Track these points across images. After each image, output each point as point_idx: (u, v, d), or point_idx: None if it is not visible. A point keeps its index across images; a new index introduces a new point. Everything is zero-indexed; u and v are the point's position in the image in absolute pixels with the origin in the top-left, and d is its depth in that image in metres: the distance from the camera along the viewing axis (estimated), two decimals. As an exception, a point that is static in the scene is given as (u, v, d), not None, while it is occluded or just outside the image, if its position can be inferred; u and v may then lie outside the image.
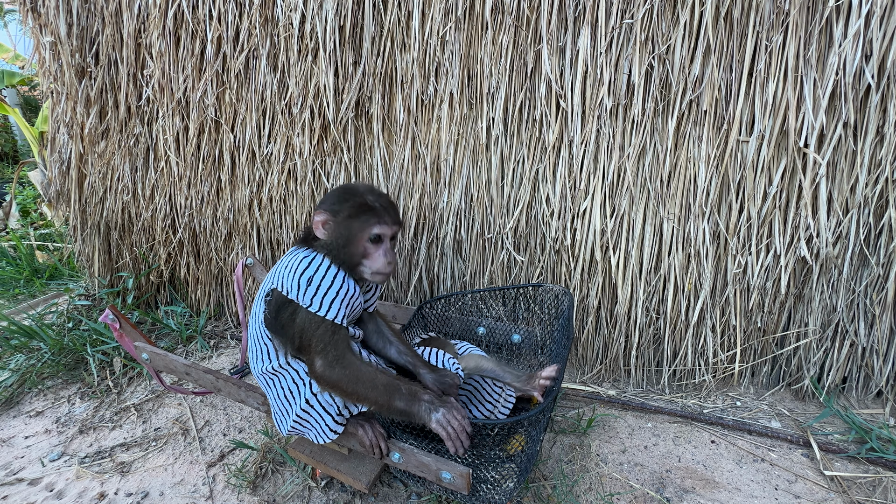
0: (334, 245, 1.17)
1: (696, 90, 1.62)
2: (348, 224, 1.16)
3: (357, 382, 1.09)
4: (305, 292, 1.10)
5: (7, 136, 5.97)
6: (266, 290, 1.18)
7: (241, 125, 2.09)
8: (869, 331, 1.72)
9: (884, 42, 1.46)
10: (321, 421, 1.19)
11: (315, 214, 1.18)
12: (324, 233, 1.18)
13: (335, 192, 1.22)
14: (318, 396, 1.16)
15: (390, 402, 1.09)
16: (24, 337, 2.12)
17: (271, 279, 1.18)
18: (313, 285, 1.11)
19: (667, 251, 1.76)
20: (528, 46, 1.72)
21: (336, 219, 1.17)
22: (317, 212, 1.19)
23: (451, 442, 1.06)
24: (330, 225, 1.17)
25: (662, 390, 1.89)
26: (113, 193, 2.37)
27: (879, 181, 1.56)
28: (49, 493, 1.46)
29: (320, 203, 1.21)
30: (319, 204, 1.21)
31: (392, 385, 1.10)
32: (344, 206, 1.17)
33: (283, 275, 1.14)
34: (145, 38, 2.10)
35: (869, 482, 1.44)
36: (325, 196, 1.24)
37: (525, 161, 1.83)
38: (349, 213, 1.16)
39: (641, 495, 1.41)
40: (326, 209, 1.18)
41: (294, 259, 1.17)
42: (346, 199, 1.18)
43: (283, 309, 1.12)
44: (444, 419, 1.07)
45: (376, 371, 1.12)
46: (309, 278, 1.11)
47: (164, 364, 1.45)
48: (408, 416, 1.10)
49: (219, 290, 2.46)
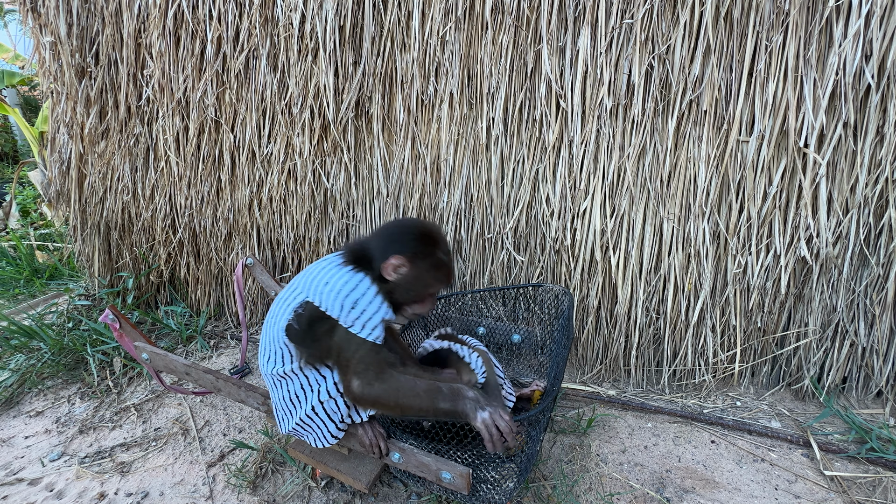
0: (397, 286, 1.14)
1: (696, 90, 1.62)
2: (421, 276, 1.15)
3: (398, 395, 1.07)
4: (349, 314, 1.08)
5: (7, 136, 5.97)
6: (297, 298, 1.15)
7: (241, 125, 2.09)
8: (869, 331, 1.72)
9: (884, 42, 1.46)
10: (323, 427, 1.19)
11: (393, 257, 1.12)
12: (393, 275, 1.14)
13: (413, 236, 1.16)
14: (325, 404, 1.16)
15: (434, 405, 1.06)
16: (24, 337, 2.12)
17: (304, 289, 1.14)
18: (358, 309, 1.09)
19: (667, 251, 1.76)
20: (528, 46, 1.72)
21: (411, 267, 1.14)
22: (395, 255, 1.13)
23: (492, 444, 1.03)
24: (403, 270, 1.14)
25: (662, 390, 1.89)
26: (113, 193, 2.37)
27: (879, 181, 1.56)
28: (49, 493, 1.46)
29: (394, 243, 1.14)
30: (394, 244, 1.14)
31: (433, 388, 1.08)
32: (423, 261, 1.15)
33: (321, 290, 1.11)
34: (145, 38, 2.10)
35: (869, 482, 1.44)
36: (396, 234, 1.17)
37: (525, 161, 1.83)
38: (426, 267, 1.15)
39: (641, 495, 1.41)
40: (406, 256, 1.13)
41: (336, 276, 1.13)
42: (425, 253, 1.15)
43: (319, 324, 1.11)
44: (491, 419, 1.04)
45: (415, 378, 1.10)
46: (355, 301, 1.09)
47: (164, 364, 1.45)
48: (453, 416, 1.07)
49: (219, 290, 2.46)
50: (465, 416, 1.05)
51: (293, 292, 1.17)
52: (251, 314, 2.42)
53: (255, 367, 2.07)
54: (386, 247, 1.14)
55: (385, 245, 1.14)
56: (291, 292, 1.18)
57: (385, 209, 2.04)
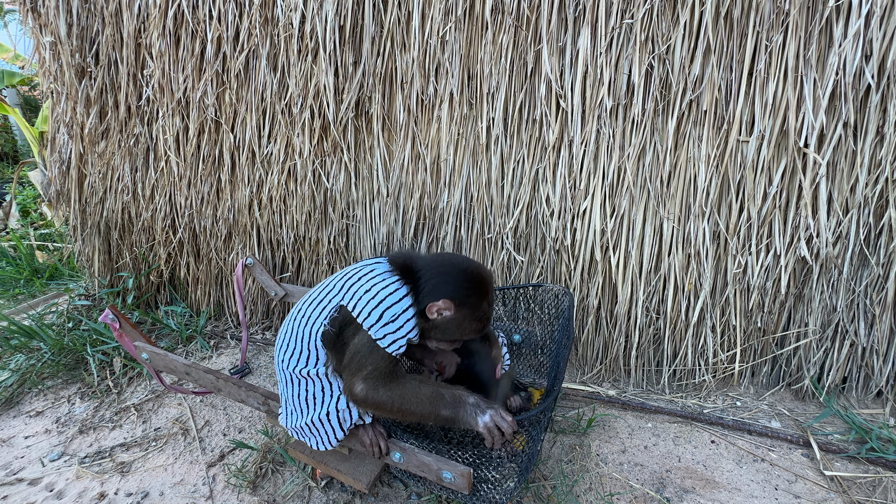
0: (435, 325, 1.15)
1: (696, 90, 1.62)
2: (462, 323, 1.15)
3: (402, 400, 1.08)
4: (383, 327, 1.08)
5: (7, 136, 5.97)
6: (332, 301, 1.15)
7: (241, 125, 2.09)
8: (869, 331, 1.72)
9: (884, 42, 1.46)
10: (331, 433, 1.19)
11: (442, 300, 1.11)
12: (435, 316, 1.13)
13: (467, 283, 1.14)
14: (341, 413, 1.16)
15: (436, 411, 1.07)
16: (24, 337, 2.12)
17: (341, 293, 1.14)
18: (393, 324, 1.09)
19: (667, 251, 1.76)
20: (528, 46, 1.72)
21: (455, 313, 1.13)
22: (445, 299, 1.11)
23: (493, 443, 1.05)
24: (447, 314, 1.13)
25: (662, 390, 1.89)
26: (113, 193, 2.36)
27: (879, 181, 1.56)
28: (49, 493, 1.46)
29: (447, 285, 1.12)
30: (446, 286, 1.12)
31: (436, 394, 1.08)
32: (469, 310, 1.14)
33: (360, 296, 1.11)
34: (145, 38, 2.10)
35: (869, 482, 1.44)
36: (451, 276, 1.14)
37: (525, 161, 1.83)
38: (469, 316, 1.15)
39: (641, 495, 1.41)
40: (455, 302, 1.12)
41: (381, 286, 1.12)
42: (473, 305, 1.14)
43: (347, 329, 1.11)
44: (492, 422, 1.05)
45: (419, 384, 1.11)
46: (393, 315, 1.08)
47: (164, 364, 1.45)
48: (454, 422, 1.08)
49: (219, 290, 2.46)
50: (466, 423, 1.06)
51: (328, 294, 1.17)
52: (251, 314, 2.42)
53: (255, 367, 2.07)
54: (438, 285, 1.12)
55: (437, 282, 1.12)
56: (326, 294, 1.17)
57: (385, 209, 2.04)
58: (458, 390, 1.10)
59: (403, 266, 1.16)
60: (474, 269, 1.17)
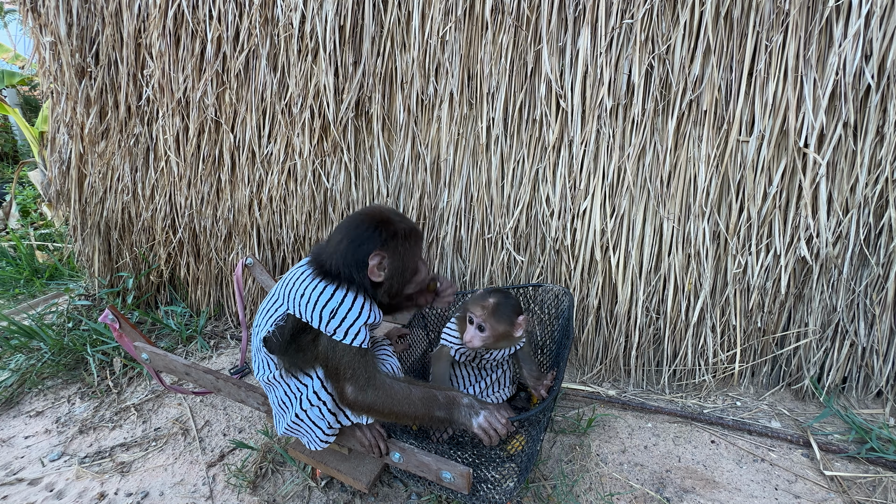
0: (391, 279, 1.15)
1: (696, 90, 1.62)
2: (403, 253, 1.15)
3: (392, 401, 1.07)
4: (329, 324, 1.07)
5: (7, 136, 5.97)
6: (277, 310, 1.13)
7: (241, 125, 2.09)
8: (869, 331, 1.72)
9: (884, 42, 1.46)
10: (311, 433, 1.19)
11: (370, 258, 1.10)
12: (381, 274, 1.13)
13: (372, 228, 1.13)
14: (308, 412, 1.16)
15: (430, 413, 1.07)
16: (24, 337, 2.12)
17: (284, 301, 1.13)
18: (337, 317, 1.07)
19: (667, 251, 1.76)
20: (528, 46, 1.72)
21: (390, 255, 1.14)
22: (371, 255, 1.11)
23: (490, 441, 1.06)
24: (386, 262, 1.13)
25: (662, 390, 1.89)
26: (113, 193, 2.36)
27: (879, 181, 1.56)
28: (49, 493, 1.46)
29: (362, 245, 1.12)
30: (362, 246, 1.12)
31: (429, 395, 1.08)
32: (395, 241, 1.14)
33: (298, 302, 1.10)
34: (145, 38, 2.10)
35: (869, 482, 1.44)
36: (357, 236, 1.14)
37: (525, 161, 1.83)
38: (401, 243, 1.15)
39: (641, 495, 1.41)
40: (380, 249, 1.12)
41: (311, 287, 1.11)
42: (392, 233, 1.14)
43: (303, 335, 1.10)
44: (487, 423, 1.05)
45: (409, 385, 1.10)
46: (333, 310, 1.07)
47: (163, 364, 1.45)
48: (449, 424, 1.08)
49: (219, 290, 2.46)
50: (460, 424, 1.07)
51: (274, 304, 1.16)
52: (251, 314, 2.42)
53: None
54: (356, 252, 1.09)
55: (355, 250, 1.10)
56: (273, 303, 1.17)
57: (385, 209, 2.04)
58: (453, 391, 1.10)
59: (314, 253, 1.17)
60: (366, 215, 1.14)
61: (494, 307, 1.32)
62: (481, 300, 1.34)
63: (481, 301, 1.34)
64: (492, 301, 1.33)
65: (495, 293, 1.35)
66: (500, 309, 1.31)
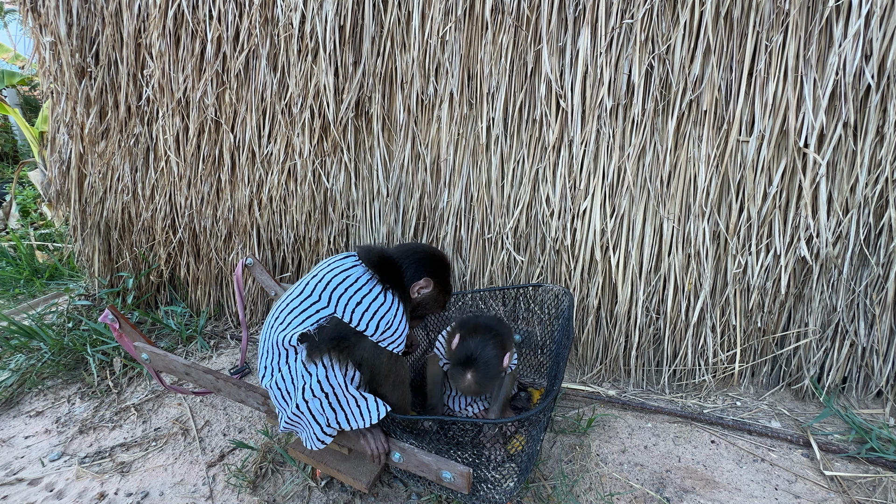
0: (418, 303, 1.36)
1: (696, 90, 1.62)
2: (438, 295, 1.38)
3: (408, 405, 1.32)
4: (383, 333, 1.20)
5: (7, 136, 5.97)
6: (318, 312, 1.17)
7: (241, 125, 2.09)
8: (869, 331, 1.72)
9: (884, 42, 1.46)
10: (309, 428, 1.18)
11: (423, 279, 1.32)
12: (417, 295, 1.33)
13: (437, 263, 1.37)
14: (310, 403, 1.16)
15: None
16: (24, 337, 2.12)
17: (323, 300, 1.18)
18: (392, 329, 1.21)
19: (667, 251, 1.76)
20: (528, 46, 1.72)
21: (433, 288, 1.35)
22: (425, 278, 1.32)
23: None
24: (426, 291, 1.34)
25: (662, 390, 1.89)
26: (113, 193, 2.36)
27: (879, 181, 1.56)
28: (49, 493, 1.46)
29: (424, 268, 1.33)
30: (424, 268, 1.33)
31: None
32: (441, 283, 1.37)
33: (352, 309, 1.17)
34: (145, 38, 2.10)
35: (869, 482, 1.44)
36: (424, 260, 1.35)
37: (525, 161, 1.83)
38: (442, 288, 1.38)
39: (641, 495, 1.41)
40: (433, 279, 1.34)
41: (369, 297, 1.20)
42: (443, 278, 1.38)
43: (346, 339, 1.18)
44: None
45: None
46: (389, 322, 1.20)
47: (163, 364, 1.45)
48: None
49: (219, 290, 2.46)
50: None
51: (312, 304, 1.18)
52: (251, 314, 2.42)
53: (254, 367, 2.07)
54: (417, 268, 1.31)
55: (417, 266, 1.31)
56: (311, 304, 1.18)
57: (385, 209, 2.04)
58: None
59: (378, 263, 1.25)
60: (439, 252, 1.42)
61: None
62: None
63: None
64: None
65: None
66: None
